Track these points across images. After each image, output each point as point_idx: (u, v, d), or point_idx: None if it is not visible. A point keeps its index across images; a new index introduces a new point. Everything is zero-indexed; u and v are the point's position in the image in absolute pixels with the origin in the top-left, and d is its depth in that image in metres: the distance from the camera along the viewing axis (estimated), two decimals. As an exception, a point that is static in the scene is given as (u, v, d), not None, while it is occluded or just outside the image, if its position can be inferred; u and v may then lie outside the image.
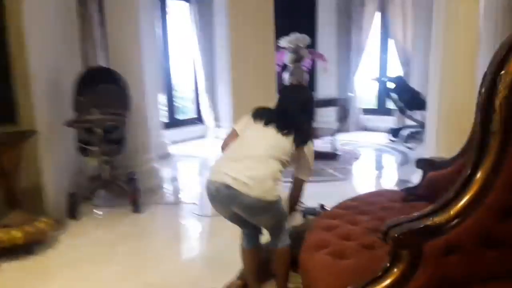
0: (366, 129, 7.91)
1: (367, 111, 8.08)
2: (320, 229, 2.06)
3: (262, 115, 2.20)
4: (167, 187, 4.77)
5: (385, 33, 7.57)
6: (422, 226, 1.45)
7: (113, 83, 3.92)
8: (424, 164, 2.48)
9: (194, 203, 4.15)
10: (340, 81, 7.83)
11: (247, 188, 1.92)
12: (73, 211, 3.68)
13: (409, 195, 2.40)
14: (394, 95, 6.43)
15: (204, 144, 7.15)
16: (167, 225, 3.77)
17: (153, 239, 3.45)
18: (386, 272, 1.45)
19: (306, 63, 5.77)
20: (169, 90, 7.04)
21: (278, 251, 2.20)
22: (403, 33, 7.09)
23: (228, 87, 7.26)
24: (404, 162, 5.46)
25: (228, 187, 1.94)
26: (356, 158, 5.62)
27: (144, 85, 4.49)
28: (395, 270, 1.44)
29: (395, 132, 6.82)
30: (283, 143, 2.08)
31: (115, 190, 4.09)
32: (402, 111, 6.49)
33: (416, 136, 6.23)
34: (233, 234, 3.40)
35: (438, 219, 1.47)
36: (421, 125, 6.36)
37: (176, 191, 4.76)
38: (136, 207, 3.88)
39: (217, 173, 2.02)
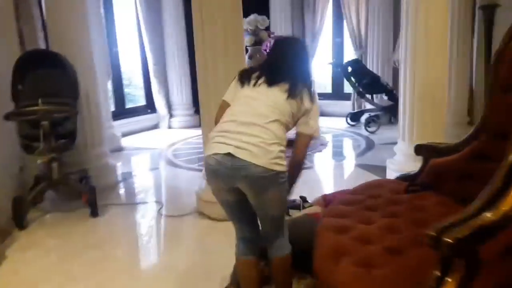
0: (322, 114, 7.77)
1: (323, 96, 7.98)
2: (331, 231, 1.82)
3: (249, 75, 1.90)
4: (125, 185, 4.33)
5: (339, 16, 7.45)
6: (478, 226, 1.24)
7: (59, 68, 3.41)
8: (424, 150, 2.31)
9: (158, 202, 3.76)
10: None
11: (253, 156, 1.66)
12: (19, 219, 3.17)
13: (412, 185, 2.22)
14: (352, 79, 6.35)
15: (157, 135, 6.69)
16: (131, 229, 3.37)
17: (117, 246, 3.04)
18: (440, 284, 1.24)
19: (266, 46, 5.48)
20: (117, 77, 6.46)
21: (278, 260, 1.94)
22: (356, 16, 7.00)
23: (182, 72, 6.90)
24: (370, 146, 5.39)
25: (232, 157, 1.67)
26: (323, 145, 5.46)
27: (94, 70, 3.98)
28: (450, 280, 1.23)
29: (354, 117, 6.77)
30: (280, 100, 1.80)
31: (66, 191, 3.61)
32: (361, 95, 6.43)
33: (376, 120, 6.20)
34: (208, 235, 3.12)
35: (492, 216, 1.27)
36: (380, 108, 6.36)
37: (135, 189, 4.31)
38: (93, 209, 3.43)
39: (216, 146, 1.74)
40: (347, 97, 7.46)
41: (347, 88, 7.20)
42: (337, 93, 7.91)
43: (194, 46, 3.21)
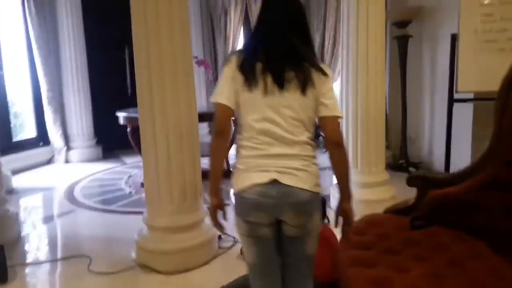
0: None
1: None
2: (370, 284, 1.55)
3: (252, 67, 1.50)
4: (32, 238, 3.50)
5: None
6: None
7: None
8: (419, 181, 2.20)
9: (83, 256, 3.06)
10: (209, 93, 7.37)
11: (299, 180, 1.49)
12: None
13: (415, 219, 2.08)
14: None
15: (54, 171, 5.74)
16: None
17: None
18: None
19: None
20: (2, 105, 5.40)
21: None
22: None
23: (82, 99, 6.08)
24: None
25: (276, 184, 1.48)
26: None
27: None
28: None
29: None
30: (299, 106, 1.51)
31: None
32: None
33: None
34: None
35: None
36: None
37: (48, 242, 3.48)
38: (0, 274, 2.65)
39: (253, 176, 1.51)
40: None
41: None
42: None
43: (94, 69, 2.72)
